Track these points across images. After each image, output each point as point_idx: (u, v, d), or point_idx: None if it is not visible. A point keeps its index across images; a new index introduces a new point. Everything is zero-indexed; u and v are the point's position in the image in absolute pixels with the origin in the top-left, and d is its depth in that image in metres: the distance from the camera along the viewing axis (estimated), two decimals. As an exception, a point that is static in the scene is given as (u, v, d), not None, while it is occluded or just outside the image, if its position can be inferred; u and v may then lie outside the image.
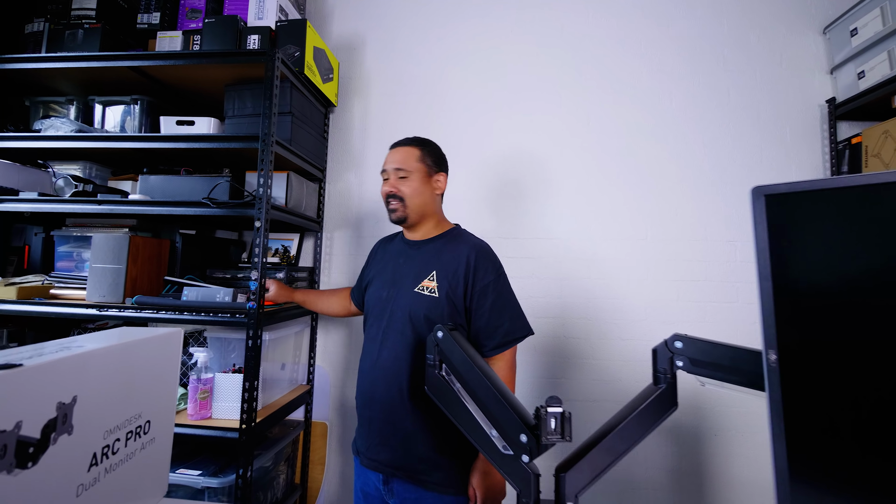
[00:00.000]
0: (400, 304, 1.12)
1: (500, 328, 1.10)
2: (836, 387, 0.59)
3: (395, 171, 1.17)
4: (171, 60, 1.45)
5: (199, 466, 1.31)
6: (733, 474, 1.64)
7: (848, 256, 0.60)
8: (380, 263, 1.26)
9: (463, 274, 1.11)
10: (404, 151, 1.19)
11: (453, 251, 1.15)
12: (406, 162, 1.17)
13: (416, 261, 1.17)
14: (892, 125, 1.48)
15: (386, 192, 1.18)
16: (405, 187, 1.16)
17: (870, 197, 0.59)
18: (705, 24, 1.82)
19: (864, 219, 0.59)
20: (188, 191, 1.43)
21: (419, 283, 1.12)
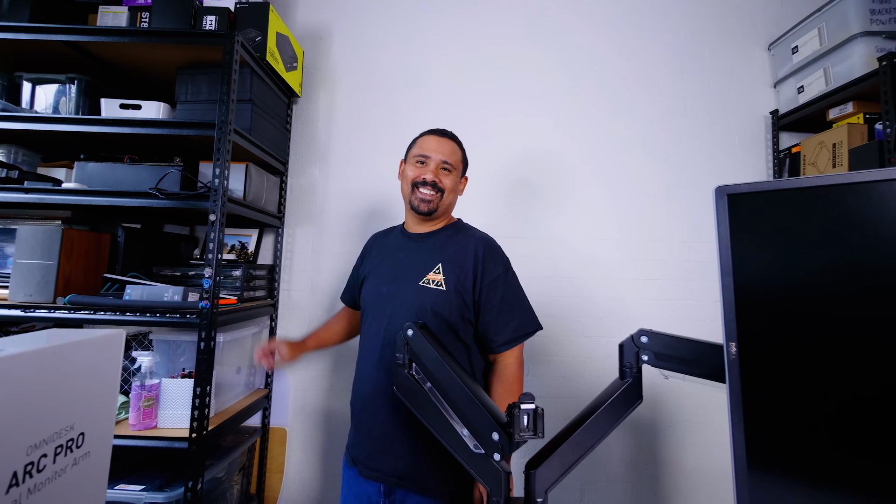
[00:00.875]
0: (403, 300, 1.04)
1: (511, 323, 1.05)
2: (793, 378, 0.62)
3: (442, 162, 1.09)
4: (115, 37, 1.33)
5: (142, 481, 1.20)
6: (686, 464, 1.72)
7: (803, 253, 0.63)
8: (377, 258, 1.17)
9: (471, 266, 1.05)
10: (452, 145, 1.13)
11: (459, 243, 1.09)
12: (453, 156, 1.12)
13: (418, 254, 1.09)
14: (826, 137, 1.61)
15: (429, 179, 1.07)
16: (447, 181, 1.10)
17: (824, 197, 0.62)
18: (666, 36, 1.90)
19: (819, 217, 0.62)
20: (133, 180, 1.31)
21: (424, 276, 1.05)
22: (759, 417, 0.64)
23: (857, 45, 1.52)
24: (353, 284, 1.26)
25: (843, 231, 0.61)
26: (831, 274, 0.62)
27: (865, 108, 1.55)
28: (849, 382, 0.58)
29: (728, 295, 0.68)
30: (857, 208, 0.60)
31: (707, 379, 0.77)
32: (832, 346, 0.60)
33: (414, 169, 1.10)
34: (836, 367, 0.59)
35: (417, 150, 1.12)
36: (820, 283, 0.62)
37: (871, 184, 0.59)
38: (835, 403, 0.59)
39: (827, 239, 0.62)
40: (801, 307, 0.63)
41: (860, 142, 1.52)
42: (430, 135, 1.14)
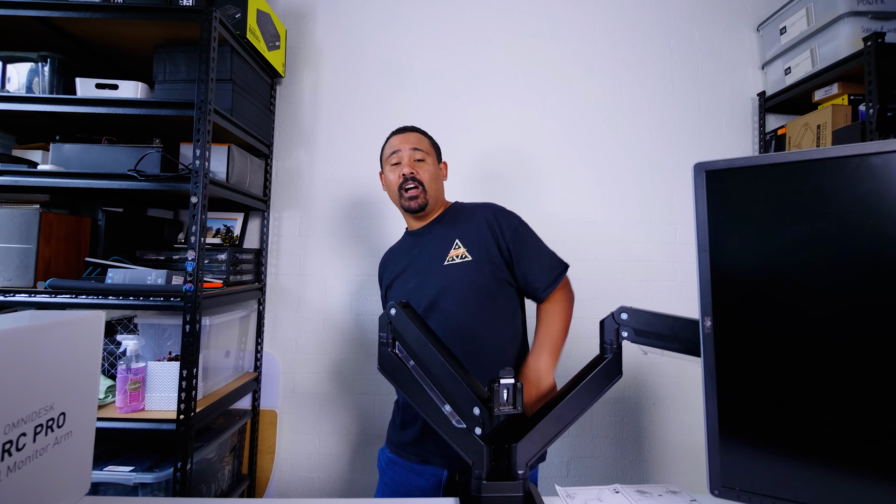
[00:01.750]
0: (434, 283, 1.04)
1: (548, 262, 1.06)
2: (765, 351, 0.64)
3: (413, 150, 1.09)
4: (88, 13, 1.28)
5: (131, 463, 1.20)
6: (669, 439, 1.78)
7: (778, 228, 0.64)
8: (395, 268, 1.15)
9: (487, 230, 1.06)
10: (416, 135, 1.14)
11: (467, 218, 1.10)
12: (421, 143, 1.12)
13: (431, 243, 1.10)
14: (811, 118, 1.62)
15: (407, 174, 1.07)
16: (424, 171, 1.09)
17: (797, 173, 0.63)
18: (655, 16, 1.88)
19: (792, 193, 0.63)
20: (111, 162, 1.28)
21: (446, 256, 1.05)
22: (731, 389, 0.66)
23: (844, 25, 1.52)
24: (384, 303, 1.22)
25: (815, 206, 0.62)
26: (803, 248, 0.63)
27: (850, 90, 1.56)
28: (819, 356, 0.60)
29: (704, 271, 0.69)
30: (830, 184, 0.61)
31: (684, 353, 0.79)
32: (804, 319, 0.62)
33: (393, 172, 1.11)
34: (808, 341, 0.61)
35: (388, 152, 1.13)
36: (792, 257, 0.63)
37: (843, 159, 0.60)
38: (805, 376, 0.61)
39: (800, 214, 0.63)
40: (775, 281, 0.64)
41: (844, 123, 1.53)
42: (393, 135, 1.16)
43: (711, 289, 0.68)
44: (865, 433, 0.56)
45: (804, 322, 0.61)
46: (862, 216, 0.58)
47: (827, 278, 0.60)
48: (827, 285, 0.60)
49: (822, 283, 0.61)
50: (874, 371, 0.56)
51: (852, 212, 0.59)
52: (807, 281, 0.62)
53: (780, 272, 0.64)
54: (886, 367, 0.55)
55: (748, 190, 0.67)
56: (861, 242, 0.58)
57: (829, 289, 0.60)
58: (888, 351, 0.55)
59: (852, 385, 0.57)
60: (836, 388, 0.59)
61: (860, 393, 0.57)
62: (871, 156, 0.58)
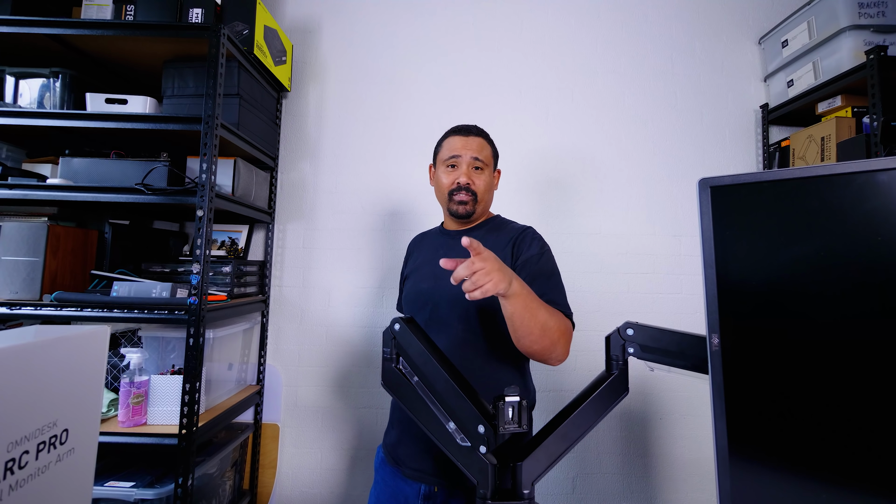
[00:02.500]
0: (444, 296, 1.02)
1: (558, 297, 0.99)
2: (775, 369, 0.63)
3: (473, 160, 1.05)
4: (99, 30, 1.31)
5: (132, 478, 1.20)
6: (677, 455, 1.74)
7: (785, 245, 0.64)
8: (418, 259, 1.15)
9: (509, 253, 1.03)
10: (479, 141, 1.08)
11: (497, 237, 1.07)
12: (483, 152, 1.07)
13: (457, 250, 1.06)
14: (815, 130, 1.62)
15: (463, 183, 1.04)
16: (480, 181, 1.06)
17: (803, 189, 0.63)
18: (656, 29, 1.90)
19: (799, 209, 0.63)
20: (119, 176, 1.30)
21: None
22: (740, 408, 0.65)
23: (846, 38, 1.53)
24: (401, 291, 1.21)
25: (823, 223, 0.61)
26: (812, 265, 0.62)
27: (854, 102, 1.56)
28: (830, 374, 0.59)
29: (711, 287, 0.68)
30: (837, 200, 0.60)
31: (691, 370, 0.78)
32: (813, 337, 0.61)
33: (447, 175, 1.07)
34: (817, 359, 0.60)
35: (446, 154, 1.08)
36: (801, 274, 0.63)
37: (850, 175, 0.59)
38: (815, 395, 0.60)
39: (807, 230, 0.62)
40: (783, 299, 0.63)
41: (848, 135, 1.53)
42: (455, 135, 1.09)
43: (718, 305, 0.67)
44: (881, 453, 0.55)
45: (814, 339, 0.60)
46: (870, 233, 0.58)
47: (836, 295, 0.59)
48: (836, 303, 0.59)
49: (832, 300, 0.60)
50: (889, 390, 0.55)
51: (860, 229, 0.58)
52: (816, 298, 0.61)
53: (789, 289, 0.63)
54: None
55: (754, 206, 0.67)
56: (870, 260, 0.58)
57: (838, 306, 0.59)
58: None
59: (866, 404, 0.56)
60: (849, 407, 0.57)
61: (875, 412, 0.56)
62: (878, 172, 0.58)
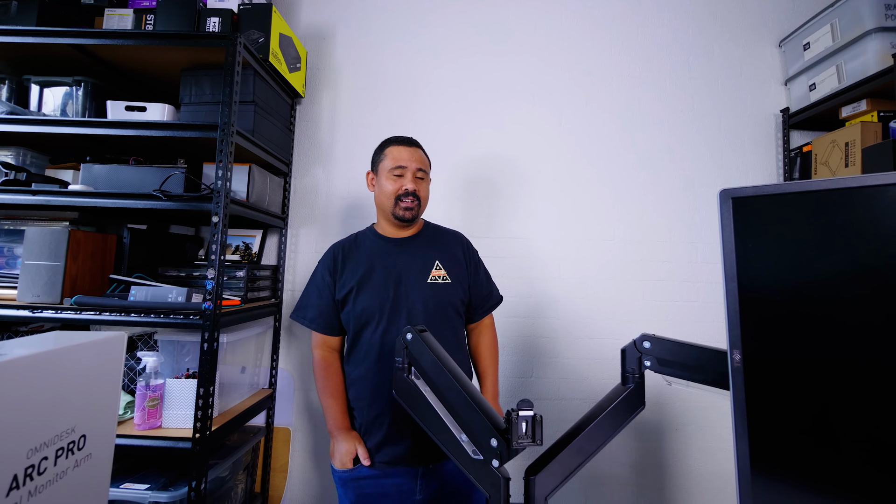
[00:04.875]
0: (418, 298, 1.14)
1: (490, 295, 1.30)
2: (799, 387, 0.61)
3: (418, 170, 1.19)
4: (120, 40, 1.34)
5: (146, 480, 1.21)
6: (692, 467, 1.70)
7: (810, 258, 0.61)
8: (360, 269, 1.16)
9: (462, 257, 1.25)
10: (420, 153, 1.23)
11: (445, 241, 1.26)
12: (425, 164, 1.23)
13: (410, 255, 1.19)
14: (839, 135, 1.57)
15: (410, 189, 1.16)
16: (423, 189, 1.21)
17: (831, 201, 0.60)
18: (673, 32, 1.87)
19: (826, 222, 0.61)
20: (137, 182, 1.32)
21: (428, 274, 1.17)
22: (763, 426, 0.63)
23: (872, 41, 1.48)
24: (329, 306, 1.17)
25: (851, 236, 0.59)
26: (838, 280, 0.60)
27: (880, 106, 1.51)
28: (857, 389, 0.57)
29: (732, 301, 0.66)
30: (867, 212, 0.58)
31: (711, 385, 0.76)
32: (838, 354, 0.58)
33: (392, 182, 1.17)
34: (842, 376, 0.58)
35: (391, 163, 1.18)
36: (827, 289, 0.60)
37: (882, 188, 0.57)
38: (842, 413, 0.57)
39: (835, 244, 0.60)
40: (808, 313, 0.61)
41: (874, 140, 1.48)
42: (400, 145, 1.20)
43: (740, 320, 0.65)
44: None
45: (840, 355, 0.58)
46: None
47: (864, 311, 0.57)
48: (864, 318, 0.57)
49: (860, 315, 0.57)
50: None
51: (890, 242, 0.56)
52: (842, 313, 0.59)
53: (815, 303, 0.61)
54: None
55: (778, 218, 0.65)
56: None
57: (866, 321, 0.57)
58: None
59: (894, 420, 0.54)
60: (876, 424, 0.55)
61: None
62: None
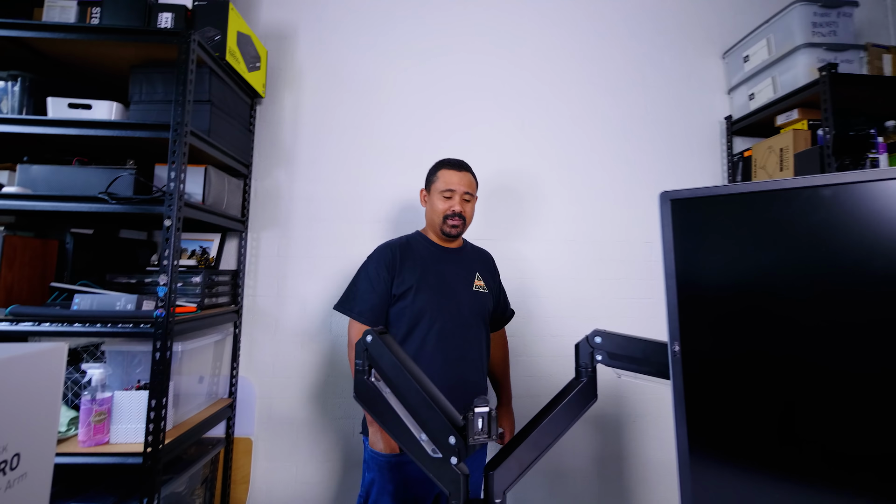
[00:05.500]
0: (465, 303, 1.29)
1: (507, 309, 1.48)
2: (733, 373, 0.66)
3: (465, 194, 1.31)
4: (62, 34, 1.27)
5: (94, 500, 1.14)
6: (649, 456, 1.78)
7: (740, 255, 0.67)
8: (417, 270, 1.28)
9: (492, 271, 1.43)
10: (469, 177, 1.33)
11: (480, 256, 1.44)
12: (472, 187, 1.33)
13: (459, 265, 1.34)
14: (774, 142, 1.70)
15: (456, 211, 1.29)
16: (469, 210, 1.33)
17: (755, 203, 0.66)
18: (629, 43, 1.96)
19: (751, 222, 0.66)
20: (82, 184, 1.25)
21: (472, 283, 1.33)
22: (700, 412, 0.68)
23: (801, 55, 1.62)
24: (383, 299, 1.26)
25: (772, 234, 0.64)
26: (765, 274, 0.65)
27: (809, 115, 1.65)
28: (784, 375, 0.62)
29: (672, 296, 0.71)
30: (786, 213, 0.64)
31: (657, 377, 0.81)
32: (768, 341, 0.63)
33: (442, 202, 1.30)
34: (773, 361, 0.63)
35: (442, 185, 1.30)
36: (755, 282, 0.66)
37: (796, 190, 0.63)
38: (772, 396, 0.63)
39: (760, 242, 0.66)
40: (739, 305, 0.66)
41: (804, 146, 1.61)
42: (451, 169, 1.31)
43: (679, 314, 0.70)
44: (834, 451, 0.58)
45: (769, 343, 0.63)
46: (815, 244, 0.61)
47: (787, 302, 0.63)
48: (788, 309, 0.62)
49: (783, 306, 0.63)
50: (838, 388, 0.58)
51: (806, 240, 0.62)
52: (769, 304, 0.64)
53: (744, 296, 0.66)
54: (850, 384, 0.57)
55: (711, 218, 0.70)
56: (815, 270, 0.61)
57: (790, 311, 0.62)
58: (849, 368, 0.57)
59: (819, 403, 0.59)
60: (803, 408, 0.60)
61: (826, 411, 0.59)
62: (822, 188, 0.62)
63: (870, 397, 0.56)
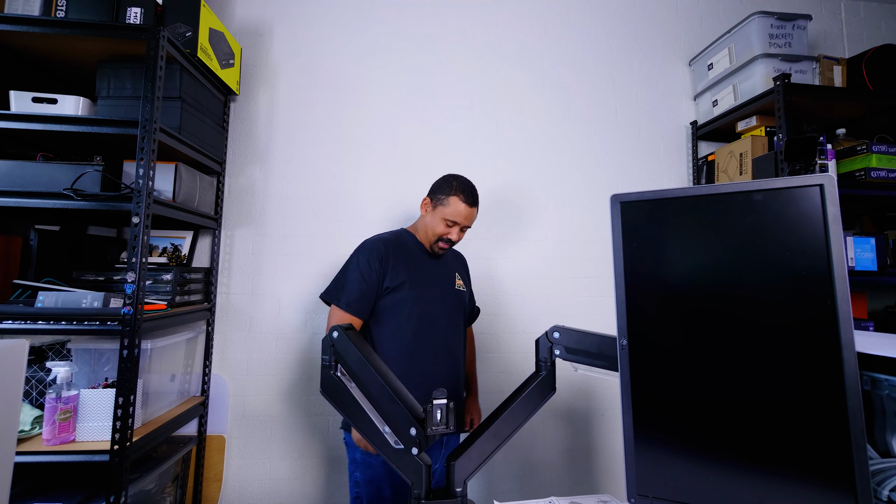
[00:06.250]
0: (451, 299, 1.37)
1: (475, 307, 1.56)
2: (673, 367, 0.70)
3: (466, 227, 1.36)
4: (25, 27, 1.24)
5: (59, 499, 1.13)
6: (617, 449, 1.85)
7: (681, 255, 0.71)
8: (408, 267, 1.32)
9: (467, 272, 1.53)
10: (476, 211, 1.37)
11: (458, 257, 1.52)
12: (473, 220, 1.38)
13: (444, 266, 1.41)
14: (735, 147, 1.78)
15: (454, 239, 1.34)
16: (461, 237, 1.37)
17: (696, 206, 0.71)
18: (598, 48, 2.02)
19: (692, 224, 0.71)
20: (46, 180, 1.23)
21: (454, 283, 1.41)
22: (644, 403, 0.72)
23: (759, 65, 1.70)
24: (373, 291, 1.28)
25: (711, 235, 0.69)
26: (702, 272, 0.70)
27: (766, 122, 1.74)
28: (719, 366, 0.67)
29: (620, 293, 0.75)
30: (722, 216, 0.69)
31: (609, 370, 0.85)
32: (705, 335, 0.68)
33: (443, 226, 1.33)
34: (708, 353, 0.68)
35: (451, 214, 1.31)
36: (693, 280, 0.71)
37: (731, 195, 0.68)
38: (708, 388, 0.68)
39: (699, 242, 0.71)
40: (680, 302, 0.71)
41: (762, 151, 1.69)
42: (465, 203, 1.32)
43: (626, 310, 0.75)
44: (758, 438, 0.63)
45: (705, 338, 0.68)
46: (748, 245, 0.66)
47: (723, 299, 0.68)
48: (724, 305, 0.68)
49: (720, 303, 0.68)
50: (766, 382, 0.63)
51: (740, 241, 0.67)
52: (708, 302, 0.69)
53: (686, 293, 0.71)
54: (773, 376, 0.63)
55: (657, 220, 0.74)
56: (749, 268, 0.66)
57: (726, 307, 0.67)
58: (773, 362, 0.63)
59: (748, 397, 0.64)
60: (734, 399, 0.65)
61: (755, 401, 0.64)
62: (753, 192, 0.67)
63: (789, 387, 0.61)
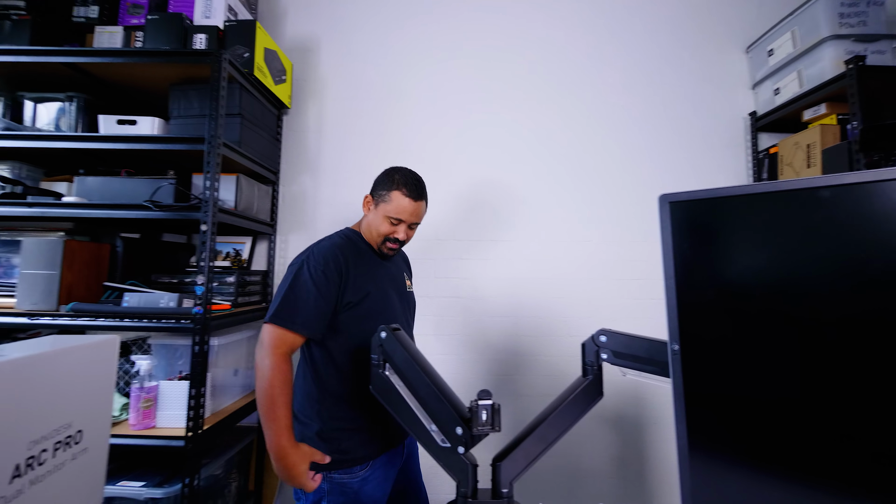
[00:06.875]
0: (408, 301, 1.33)
1: None
2: (730, 373, 0.67)
3: (414, 224, 1.24)
4: (110, 58, 1.40)
5: (142, 478, 1.26)
6: (672, 460, 1.76)
7: (738, 256, 0.68)
8: (369, 277, 1.20)
9: (411, 271, 1.46)
10: (423, 206, 1.24)
11: (404, 259, 1.44)
12: (421, 215, 1.25)
13: (395, 267, 1.34)
14: (801, 137, 1.65)
15: (401, 238, 1.22)
16: (411, 235, 1.25)
17: (753, 204, 0.67)
18: (645, 40, 1.95)
19: (749, 223, 0.68)
20: (129, 193, 1.38)
21: (406, 285, 1.35)
22: (700, 411, 0.70)
23: (828, 47, 1.56)
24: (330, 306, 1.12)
25: (769, 236, 0.66)
26: (762, 273, 0.67)
27: (838, 109, 1.59)
28: (781, 374, 0.63)
29: (671, 297, 0.73)
30: (782, 215, 0.65)
31: (659, 375, 0.83)
32: (766, 341, 0.65)
33: (387, 225, 1.20)
34: (769, 360, 0.64)
35: (393, 211, 1.18)
36: (751, 283, 0.67)
37: (794, 192, 0.64)
38: (770, 396, 0.64)
39: (757, 243, 0.67)
40: (736, 306, 0.68)
41: (833, 142, 1.55)
42: (407, 197, 1.19)
43: (678, 314, 0.72)
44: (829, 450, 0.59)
45: (766, 343, 0.65)
46: (811, 246, 0.62)
47: (785, 302, 0.64)
48: (786, 308, 0.64)
49: (782, 306, 0.64)
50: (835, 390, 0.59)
51: (802, 242, 0.63)
52: (768, 304, 0.65)
53: (741, 297, 0.68)
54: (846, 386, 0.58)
55: (711, 220, 0.71)
56: (811, 272, 0.62)
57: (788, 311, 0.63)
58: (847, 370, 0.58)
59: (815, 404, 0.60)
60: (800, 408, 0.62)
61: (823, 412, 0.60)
62: (820, 189, 0.63)
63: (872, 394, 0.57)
